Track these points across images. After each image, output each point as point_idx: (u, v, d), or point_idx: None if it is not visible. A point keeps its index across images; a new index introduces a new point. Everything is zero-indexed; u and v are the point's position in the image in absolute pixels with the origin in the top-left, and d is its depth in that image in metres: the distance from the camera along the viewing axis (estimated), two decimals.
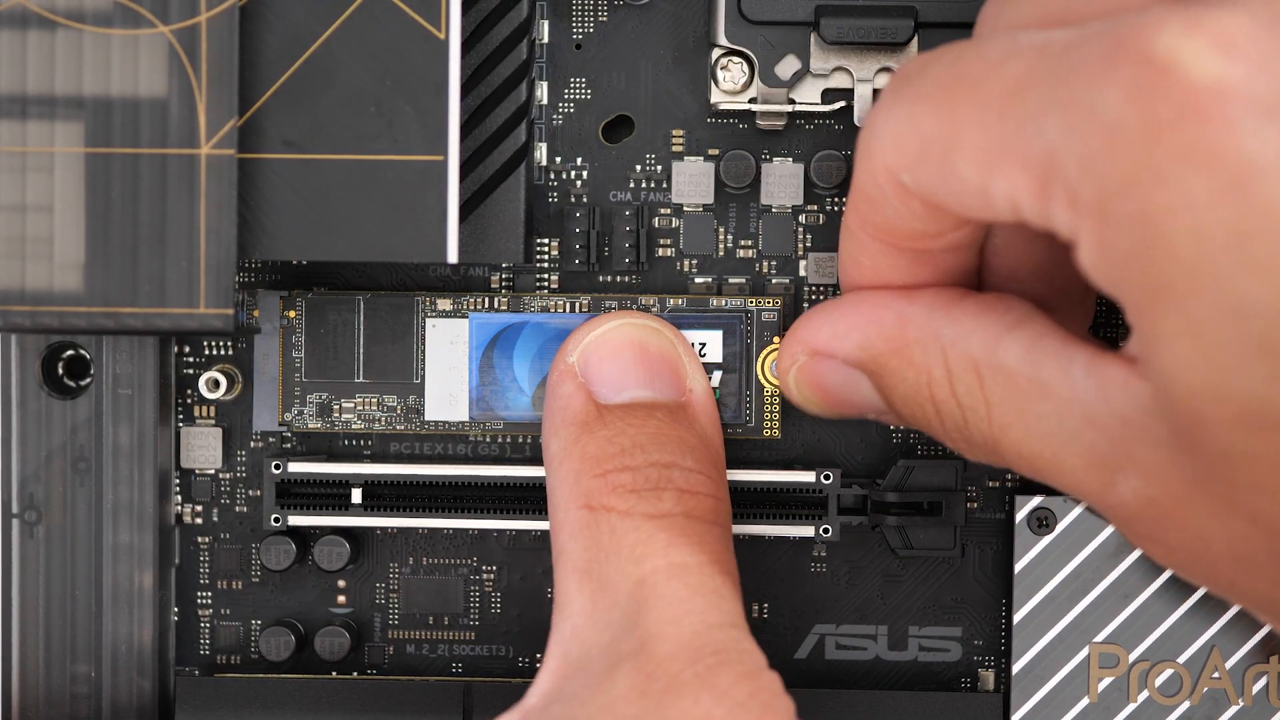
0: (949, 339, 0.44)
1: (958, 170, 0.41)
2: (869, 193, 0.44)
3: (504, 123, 0.49)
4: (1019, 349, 0.42)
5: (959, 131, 0.40)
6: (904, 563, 0.53)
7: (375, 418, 0.52)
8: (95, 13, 0.46)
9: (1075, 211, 0.38)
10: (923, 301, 0.45)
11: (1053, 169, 0.38)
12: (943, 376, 0.44)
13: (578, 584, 0.45)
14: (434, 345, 0.52)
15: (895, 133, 0.42)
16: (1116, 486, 0.41)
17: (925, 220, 0.43)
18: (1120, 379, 0.40)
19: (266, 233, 0.47)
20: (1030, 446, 0.42)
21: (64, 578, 0.51)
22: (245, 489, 0.53)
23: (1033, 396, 0.42)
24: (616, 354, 0.48)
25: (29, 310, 0.47)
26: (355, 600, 0.53)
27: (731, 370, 0.51)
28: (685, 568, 0.44)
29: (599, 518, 0.45)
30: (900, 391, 0.45)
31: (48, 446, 0.51)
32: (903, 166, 0.42)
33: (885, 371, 0.45)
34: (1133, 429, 0.40)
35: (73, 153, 0.46)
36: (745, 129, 0.52)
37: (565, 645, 0.45)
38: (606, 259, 0.52)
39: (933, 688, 0.53)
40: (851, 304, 0.46)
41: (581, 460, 0.46)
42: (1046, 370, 0.42)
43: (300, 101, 0.47)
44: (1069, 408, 0.41)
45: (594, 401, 0.47)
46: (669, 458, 0.46)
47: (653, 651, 0.43)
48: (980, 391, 0.43)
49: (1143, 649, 0.51)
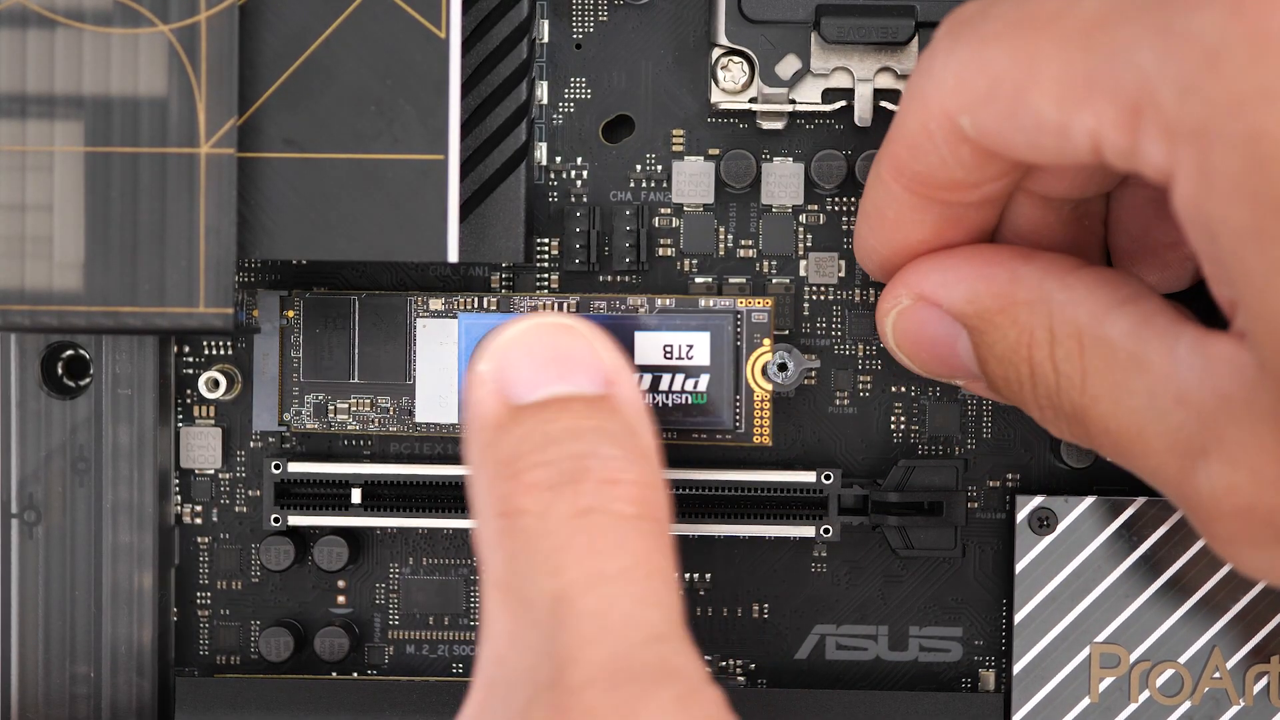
0: (1059, 303, 0.43)
1: (1034, 108, 0.40)
2: (914, 139, 0.43)
3: (504, 122, 0.49)
4: (1127, 323, 0.42)
5: (1037, 67, 0.40)
6: (904, 563, 0.53)
7: (369, 419, 0.52)
8: (95, 12, 0.46)
9: (1172, 141, 0.37)
10: (1039, 264, 0.44)
11: (1146, 99, 0.38)
12: (1045, 339, 0.43)
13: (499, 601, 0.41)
14: (424, 346, 0.52)
15: (959, 73, 0.41)
16: (1196, 474, 0.40)
17: (970, 169, 0.43)
18: (1227, 354, 0.39)
19: (266, 232, 0.47)
20: (1117, 420, 0.41)
21: (63, 578, 0.51)
22: (245, 489, 0.53)
23: (1130, 370, 0.41)
24: (528, 353, 0.44)
25: (28, 310, 0.47)
26: (355, 600, 0.53)
27: (719, 374, 0.51)
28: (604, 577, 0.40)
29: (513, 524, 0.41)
30: (999, 350, 0.44)
31: (47, 446, 0.51)
32: (964, 108, 0.41)
33: (989, 327, 0.44)
34: (1230, 407, 0.39)
35: (72, 152, 0.46)
36: (745, 129, 0.52)
37: (488, 672, 0.41)
38: (606, 259, 0.52)
39: (933, 688, 0.53)
40: (965, 255, 0.45)
41: (495, 464, 0.42)
42: (1151, 346, 0.41)
43: (300, 100, 0.47)
44: (1164, 385, 0.40)
45: (506, 404, 0.43)
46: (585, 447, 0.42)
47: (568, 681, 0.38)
48: (1079, 359, 0.42)
49: (1144, 649, 0.51)
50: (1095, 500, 0.51)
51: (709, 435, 0.51)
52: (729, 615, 0.53)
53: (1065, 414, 0.43)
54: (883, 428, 0.53)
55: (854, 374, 0.53)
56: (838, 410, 0.53)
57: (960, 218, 0.45)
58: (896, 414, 0.53)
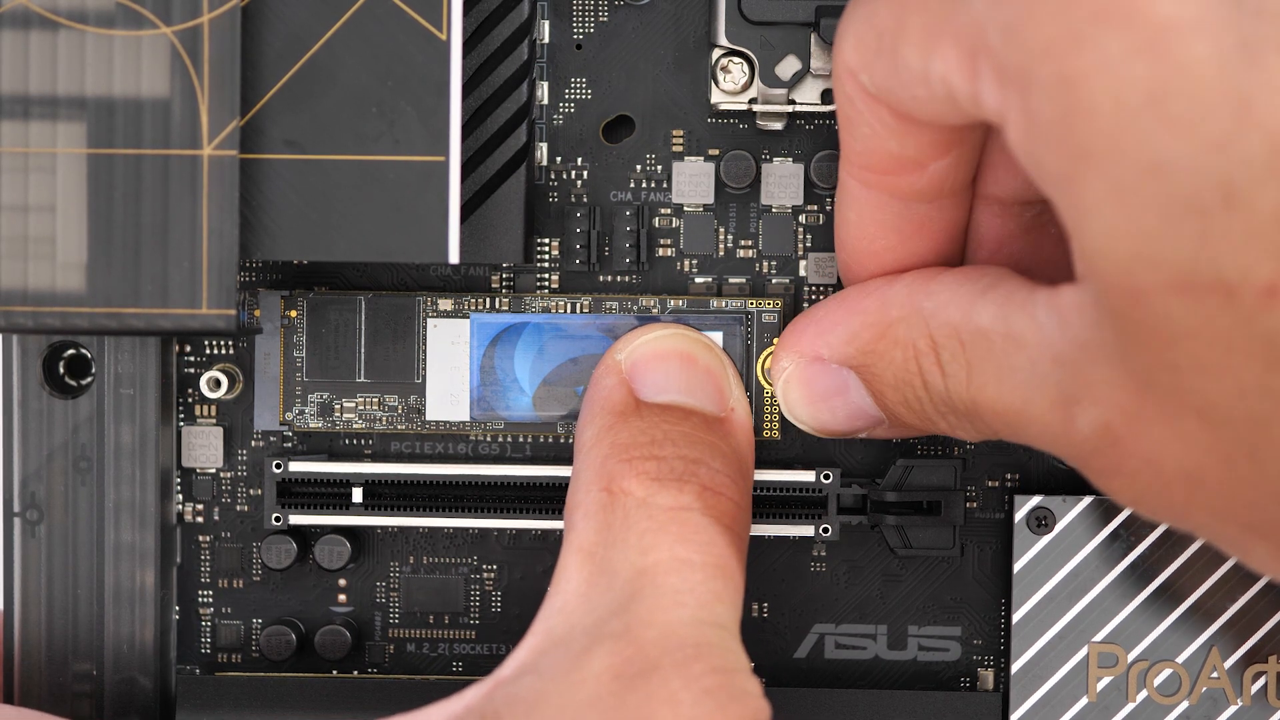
0: (929, 311, 0.44)
1: (904, 57, 0.41)
2: (845, 112, 0.44)
3: (505, 123, 0.49)
4: (992, 308, 0.42)
5: (905, 17, 0.41)
6: (903, 562, 0.53)
7: (376, 417, 0.52)
8: (97, 13, 0.46)
9: (1001, 83, 0.38)
10: (902, 282, 0.45)
11: (980, 41, 0.38)
12: (928, 347, 0.44)
13: (578, 563, 0.45)
14: (435, 345, 0.52)
15: (855, 32, 0.43)
16: (1076, 421, 0.40)
17: (899, 136, 0.43)
18: (1073, 300, 0.40)
19: (268, 233, 0.47)
20: (1003, 399, 0.42)
21: (66, 577, 0.51)
22: (246, 488, 0.53)
23: (1008, 350, 0.42)
24: (663, 359, 0.49)
25: (31, 310, 0.47)
26: (356, 599, 0.53)
27: None
28: (689, 564, 0.44)
29: (616, 501, 0.45)
30: (889, 376, 0.45)
31: (49, 446, 0.51)
32: (861, 66, 0.42)
33: (873, 358, 0.45)
34: (1088, 351, 0.39)
35: (75, 153, 0.46)
36: (745, 129, 0.52)
37: (550, 621, 0.44)
38: (607, 259, 0.52)
39: (932, 687, 0.53)
40: (834, 300, 0.46)
41: (611, 446, 0.46)
42: (1017, 322, 0.42)
43: (302, 102, 0.47)
44: (1040, 352, 0.41)
45: (634, 396, 0.48)
46: (697, 455, 0.46)
47: (636, 635, 0.43)
48: (963, 355, 0.43)
49: (1141, 648, 0.51)
50: (1093, 500, 0.51)
51: None
52: None
53: (961, 412, 0.44)
54: None
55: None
56: None
57: (923, 220, 0.45)
58: None
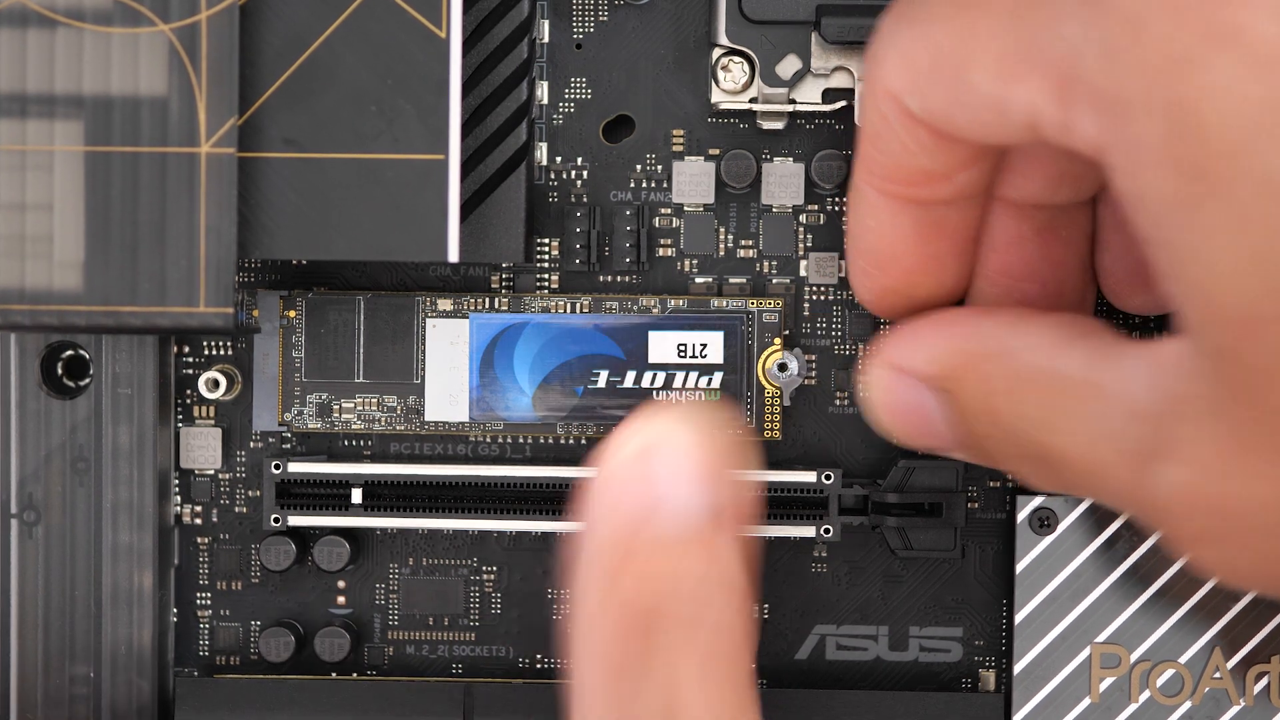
0: (1016, 350, 0.43)
1: (973, 83, 0.40)
2: (875, 128, 0.43)
3: (504, 122, 0.49)
4: (1080, 357, 0.42)
5: (974, 42, 0.40)
6: (905, 563, 0.53)
7: (375, 418, 0.52)
8: (95, 11, 0.46)
9: (1100, 111, 0.38)
10: (997, 317, 0.44)
11: (1075, 69, 0.38)
12: (1005, 388, 0.43)
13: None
14: (434, 345, 0.52)
15: (904, 54, 0.42)
16: (1154, 479, 0.39)
17: (932, 153, 0.43)
18: (1172, 353, 0.39)
19: (267, 232, 0.47)
20: (1075, 448, 0.41)
21: (63, 578, 0.51)
22: (245, 489, 0.53)
23: (1085, 399, 0.41)
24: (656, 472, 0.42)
25: (28, 309, 0.47)
26: (355, 601, 0.53)
27: (732, 372, 0.51)
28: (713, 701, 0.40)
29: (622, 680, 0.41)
30: (969, 408, 0.44)
31: (47, 446, 0.51)
32: (910, 88, 0.42)
33: (954, 384, 0.44)
34: (1178, 405, 0.39)
35: (72, 151, 0.46)
36: (746, 129, 0.52)
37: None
38: (607, 259, 0.52)
39: (933, 688, 0.53)
40: (928, 320, 0.46)
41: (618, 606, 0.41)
42: (1102, 372, 0.41)
43: (301, 100, 0.47)
44: (1117, 404, 0.40)
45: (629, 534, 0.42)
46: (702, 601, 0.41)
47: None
48: (1038, 400, 0.42)
49: (1144, 649, 0.51)
50: (1095, 501, 0.51)
51: None
52: None
53: (1031, 457, 0.43)
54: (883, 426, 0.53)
55: (854, 374, 0.53)
56: (838, 410, 0.53)
57: (940, 221, 0.45)
58: None
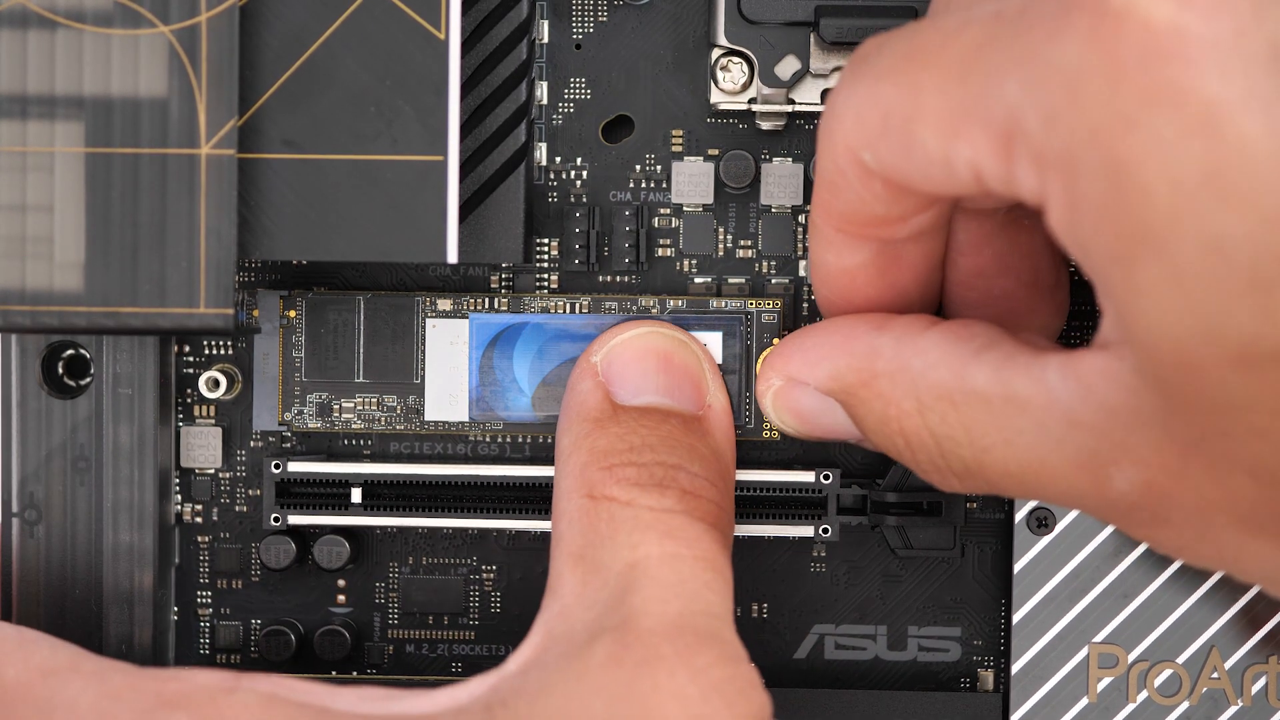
0: (918, 371, 0.44)
1: (920, 140, 0.41)
2: (831, 178, 0.44)
3: (504, 123, 0.49)
4: (988, 370, 0.42)
5: (920, 100, 0.40)
6: (903, 563, 0.53)
7: (375, 418, 0.52)
8: (95, 12, 0.46)
9: (1041, 169, 0.38)
10: (892, 333, 0.45)
11: (1015, 128, 0.38)
12: (913, 409, 0.44)
13: (570, 567, 0.45)
14: (434, 345, 0.52)
15: (856, 109, 0.42)
16: (1112, 481, 0.41)
17: (888, 202, 0.43)
18: (1099, 368, 0.40)
19: (266, 232, 0.47)
20: (1015, 463, 0.42)
21: (64, 577, 0.51)
22: (245, 488, 0.53)
23: (1009, 414, 0.42)
24: (640, 359, 0.49)
25: (29, 310, 0.47)
26: (355, 600, 0.53)
27: (731, 372, 0.51)
28: (679, 557, 0.45)
29: (599, 506, 0.46)
30: (870, 422, 0.45)
31: (47, 446, 0.51)
32: (864, 143, 0.42)
33: (855, 401, 0.45)
34: (1120, 417, 0.40)
35: (73, 152, 0.46)
36: (745, 129, 0.52)
37: (551, 623, 0.45)
38: (606, 259, 0.52)
39: (932, 688, 0.53)
40: (824, 332, 0.46)
41: (590, 453, 0.47)
42: (1019, 385, 0.42)
43: (300, 101, 0.47)
44: (1048, 415, 0.41)
45: (610, 400, 0.48)
46: (676, 459, 0.47)
47: (635, 625, 0.43)
48: (956, 418, 0.43)
49: (1142, 649, 0.51)
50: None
51: None
52: None
53: (956, 472, 0.44)
54: None
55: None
56: None
57: (898, 255, 0.45)
58: None
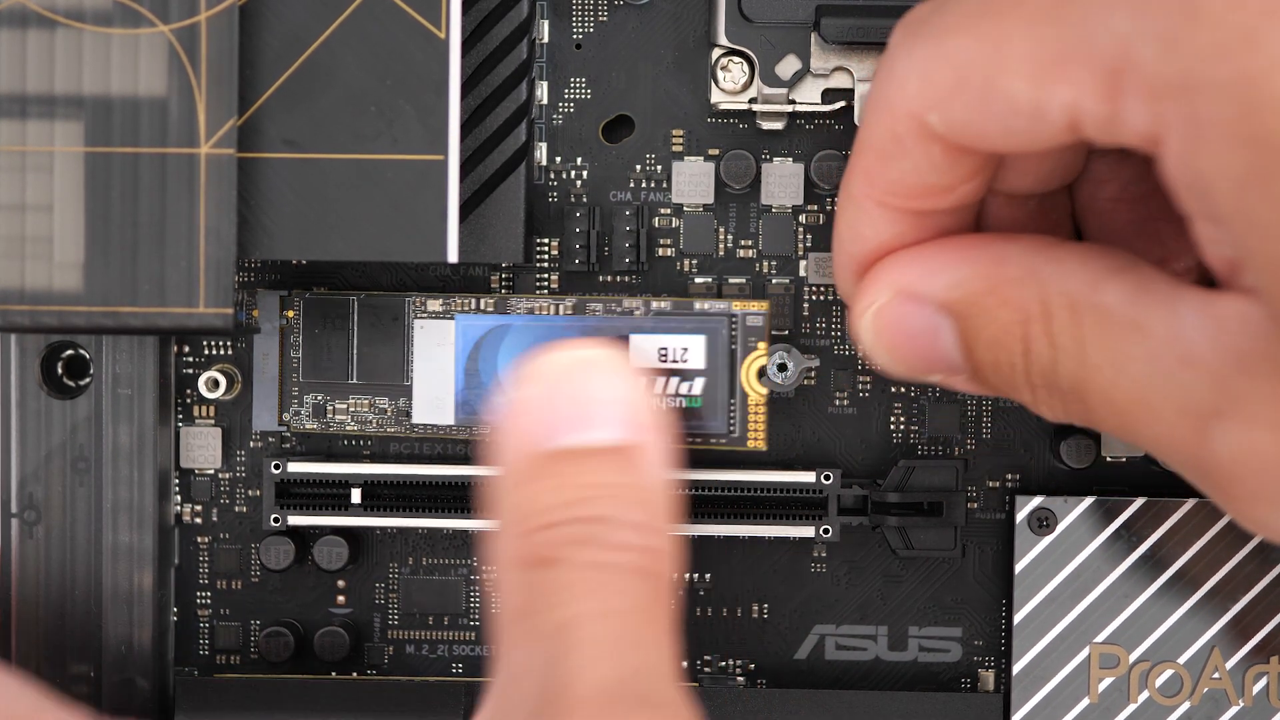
0: (1050, 275, 0.42)
1: (1006, 91, 0.40)
2: (882, 147, 0.43)
3: (504, 122, 0.49)
4: (1124, 290, 0.41)
5: (1005, 49, 0.39)
6: (904, 563, 0.53)
7: (367, 419, 0.52)
8: (95, 12, 0.46)
9: (1156, 101, 0.37)
10: (1024, 242, 0.43)
11: (1125, 62, 0.37)
12: (1039, 314, 0.42)
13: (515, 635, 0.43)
14: (421, 347, 0.52)
15: (921, 70, 0.41)
16: (1212, 436, 0.39)
17: (942, 170, 0.42)
18: (1236, 310, 0.38)
19: (266, 232, 0.47)
20: (1121, 389, 0.40)
21: (63, 577, 0.51)
22: (245, 489, 0.53)
23: (1131, 336, 0.40)
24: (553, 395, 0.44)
25: (28, 309, 0.47)
26: (355, 600, 0.53)
27: (714, 378, 0.51)
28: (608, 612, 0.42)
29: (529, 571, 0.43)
30: (989, 334, 0.43)
31: (47, 446, 0.51)
32: (931, 105, 0.41)
33: (976, 312, 0.43)
34: (1244, 364, 0.38)
35: (72, 152, 0.46)
36: (745, 129, 0.52)
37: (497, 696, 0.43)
38: (606, 259, 0.52)
39: (933, 688, 0.53)
40: (945, 244, 0.44)
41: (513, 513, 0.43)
42: (1151, 311, 0.40)
43: (300, 101, 0.47)
44: (1167, 348, 0.40)
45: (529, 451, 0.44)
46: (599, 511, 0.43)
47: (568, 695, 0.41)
48: (1077, 330, 0.41)
49: (1143, 649, 0.51)
50: (1095, 501, 0.51)
51: (703, 439, 0.51)
52: (729, 615, 0.53)
53: (1063, 390, 0.42)
54: (882, 428, 0.53)
55: (854, 374, 0.53)
56: (837, 410, 0.53)
57: (937, 227, 0.44)
58: (896, 414, 0.53)
